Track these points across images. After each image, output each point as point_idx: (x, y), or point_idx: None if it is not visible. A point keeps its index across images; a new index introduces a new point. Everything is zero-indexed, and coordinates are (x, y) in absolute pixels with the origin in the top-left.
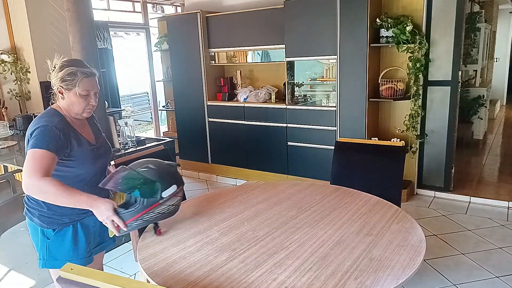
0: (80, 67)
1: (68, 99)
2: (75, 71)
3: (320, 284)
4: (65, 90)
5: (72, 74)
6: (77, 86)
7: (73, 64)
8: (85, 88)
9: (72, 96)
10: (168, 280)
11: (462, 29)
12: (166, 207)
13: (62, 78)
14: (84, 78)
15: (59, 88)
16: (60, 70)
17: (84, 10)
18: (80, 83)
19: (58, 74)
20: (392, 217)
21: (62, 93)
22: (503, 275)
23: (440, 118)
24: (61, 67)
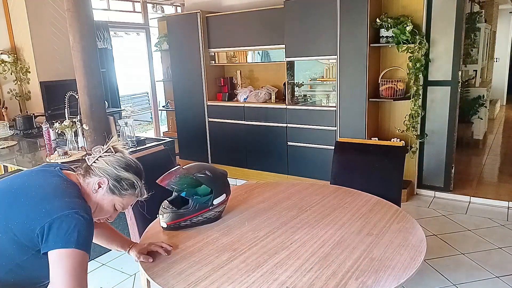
0: (142, 184)
1: (101, 199)
2: (137, 186)
3: (321, 284)
4: (107, 189)
5: (132, 186)
6: (122, 198)
7: (141, 176)
8: (125, 204)
9: (107, 201)
10: (169, 280)
11: (462, 29)
12: (213, 213)
13: (119, 179)
14: (134, 197)
15: (103, 180)
16: (126, 170)
17: (84, 10)
18: (127, 198)
19: (120, 172)
20: (393, 217)
21: (100, 187)
22: (503, 275)
23: (440, 118)
24: (131, 168)
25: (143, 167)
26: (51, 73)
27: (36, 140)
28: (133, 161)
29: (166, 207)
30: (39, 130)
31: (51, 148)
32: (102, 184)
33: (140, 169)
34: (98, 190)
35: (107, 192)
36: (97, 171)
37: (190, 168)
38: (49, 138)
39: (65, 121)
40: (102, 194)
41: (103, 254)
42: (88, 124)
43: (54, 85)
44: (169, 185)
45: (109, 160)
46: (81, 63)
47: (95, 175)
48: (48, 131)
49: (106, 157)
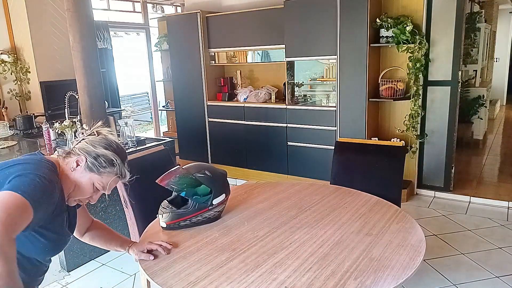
0: (123, 164)
1: (79, 177)
2: (116, 163)
3: (320, 284)
4: (85, 166)
5: (110, 164)
6: (100, 176)
7: (120, 155)
8: (104, 183)
9: (86, 179)
10: (168, 280)
11: (462, 29)
12: (212, 213)
13: (97, 156)
14: (115, 176)
15: (80, 159)
16: (104, 147)
17: (84, 10)
18: (106, 176)
19: (97, 148)
20: (392, 217)
21: (78, 165)
22: (503, 275)
23: (440, 118)
24: (109, 146)
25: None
26: (51, 73)
27: (36, 140)
28: (114, 142)
29: (166, 207)
30: (39, 130)
31: (51, 148)
32: (80, 162)
33: (122, 149)
34: (76, 168)
35: (85, 170)
36: (77, 150)
37: (189, 168)
38: (49, 138)
39: (65, 121)
40: (80, 172)
41: (103, 254)
42: (88, 124)
43: (54, 85)
44: (168, 185)
45: (89, 140)
46: (81, 63)
47: (74, 154)
48: (48, 131)
49: (87, 138)
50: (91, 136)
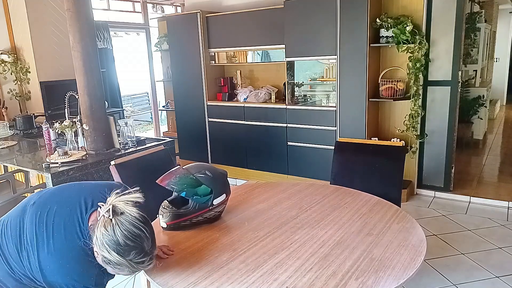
0: (133, 261)
1: (103, 265)
2: (124, 266)
3: (321, 285)
4: (101, 260)
5: (120, 266)
6: (116, 270)
7: (129, 255)
8: (124, 274)
9: (108, 268)
10: (169, 281)
11: (462, 29)
12: (213, 213)
13: (106, 260)
14: (130, 273)
15: (98, 252)
16: (109, 250)
17: (84, 10)
18: (123, 272)
19: (104, 251)
20: (392, 217)
21: (97, 257)
22: (503, 275)
23: (440, 118)
24: (115, 247)
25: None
26: (51, 73)
27: (36, 140)
28: (123, 234)
29: (166, 207)
30: (39, 130)
31: (51, 148)
32: (97, 253)
33: (131, 241)
34: (97, 256)
35: (102, 262)
36: (93, 238)
37: (190, 168)
38: (49, 138)
39: (65, 121)
40: (100, 261)
41: None
42: (88, 124)
43: (54, 85)
44: (169, 185)
45: (101, 232)
46: (81, 63)
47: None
48: (48, 131)
49: (100, 226)
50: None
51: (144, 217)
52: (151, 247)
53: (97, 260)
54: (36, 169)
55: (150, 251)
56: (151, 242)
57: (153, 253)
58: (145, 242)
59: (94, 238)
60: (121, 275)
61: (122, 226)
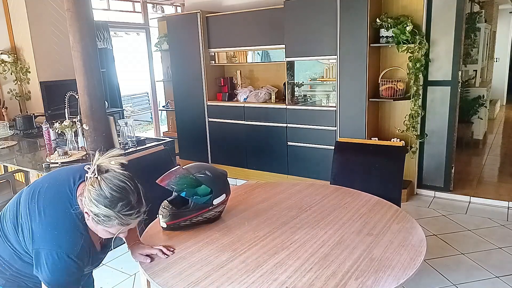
0: (121, 213)
1: (93, 226)
2: (114, 218)
3: (321, 285)
4: (92, 219)
5: (109, 219)
6: (110, 228)
7: (116, 206)
8: (114, 232)
9: (98, 228)
10: (169, 280)
11: (462, 29)
12: (212, 213)
13: (96, 214)
14: (122, 226)
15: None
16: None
17: (84, 10)
18: (114, 228)
19: (92, 206)
20: (392, 217)
21: (88, 218)
22: (503, 275)
23: (440, 118)
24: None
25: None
26: (51, 73)
27: (36, 140)
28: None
29: (166, 207)
30: (39, 130)
31: (51, 148)
32: (87, 215)
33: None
34: (88, 217)
35: (93, 221)
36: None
37: (190, 168)
38: (49, 138)
39: (65, 121)
40: (92, 223)
41: None
42: (88, 124)
43: (54, 85)
44: (169, 185)
45: (88, 190)
46: (81, 63)
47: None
48: (48, 131)
49: (88, 185)
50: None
51: (129, 173)
52: (137, 201)
53: (88, 224)
54: (36, 169)
55: (137, 205)
56: (137, 196)
57: (140, 207)
58: (131, 195)
59: (83, 200)
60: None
61: (107, 180)
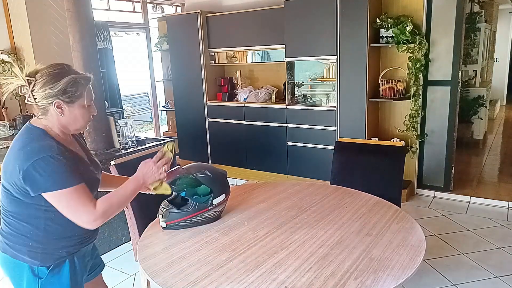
0: (78, 73)
1: (70, 113)
2: (78, 79)
3: (320, 284)
4: (67, 103)
5: (76, 84)
6: (82, 97)
7: (70, 71)
8: (90, 98)
9: (76, 110)
10: (168, 280)
11: (462, 29)
12: (212, 213)
13: (64, 90)
14: (87, 86)
15: (57, 103)
16: (58, 80)
17: (84, 10)
18: (84, 92)
19: (56, 86)
20: (392, 217)
21: (61, 108)
22: (503, 275)
23: (440, 118)
24: (57, 76)
25: None
26: None
27: None
28: (51, 67)
29: (166, 207)
30: None
31: None
32: (59, 104)
33: (62, 64)
34: (62, 111)
35: (67, 107)
36: (45, 102)
37: (189, 168)
38: None
39: None
40: (68, 111)
41: (103, 254)
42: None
43: None
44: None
45: (40, 88)
46: (81, 63)
47: (47, 105)
48: None
49: (36, 88)
50: (36, 83)
51: None
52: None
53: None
54: None
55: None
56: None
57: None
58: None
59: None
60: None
61: (44, 70)
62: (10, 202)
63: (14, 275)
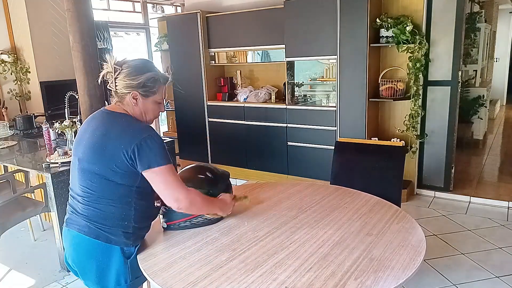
0: (159, 72)
1: (143, 106)
2: (158, 77)
3: (320, 284)
4: (142, 96)
5: (154, 81)
6: (156, 94)
7: (153, 68)
8: (162, 96)
9: (149, 104)
10: (168, 280)
11: (462, 29)
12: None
13: (143, 84)
14: (164, 85)
15: (134, 94)
16: (140, 74)
17: (84, 10)
18: (160, 90)
19: (138, 79)
20: (392, 217)
21: (136, 99)
22: (503, 275)
23: (440, 118)
24: (141, 70)
25: None
26: (51, 73)
27: (36, 140)
28: (137, 61)
29: (167, 207)
30: (39, 130)
31: (51, 148)
32: (135, 96)
33: (147, 60)
34: (136, 102)
35: (142, 99)
36: (124, 90)
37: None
38: (49, 138)
39: (65, 121)
40: (142, 103)
41: None
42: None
43: (54, 85)
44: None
45: (123, 77)
46: (81, 63)
47: (125, 94)
48: (48, 131)
49: (120, 76)
50: (120, 73)
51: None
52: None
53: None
54: (36, 169)
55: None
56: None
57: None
58: (154, 64)
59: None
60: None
61: (131, 62)
62: (102, 186)
63: (102, 260)
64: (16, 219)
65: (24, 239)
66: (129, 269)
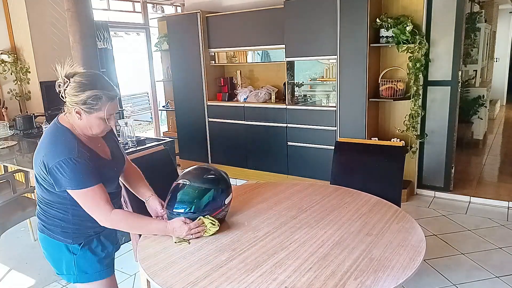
0: (104, 89)
1: (87, 121)
2: (100, 95)
3: (320, 284)
4: (85, 112)
5: (97, 98)
6: (100, 111)
7: (96, 86)
8: (109, 113)
9: (92, 119)
10: (168, 280)
11: (462, 29)
12: (223, 213)
13: (84, 101)
14: (109, 102)
15: (77, 109)
16: (82, 91)
17: (84, 10)
18: (104, 108)
19: (79, 96)
20: (392, 217)
21: (80, 114)
22: (503, 275)
23: (440, 118)
24: (83, 87)
25: (143, 167)
26: (51, 73)
27: (36, 140)
28: (84, 76)
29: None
30: (39, 130)
31: None
32: (79, 111)
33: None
34: (81, 117)
35: (86, 115)
36: (69, 105)
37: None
38: None
39: None
40: (86, 118)
41: None
42: None
43: (54, 85)
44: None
45: (68, 92)
46: (81, 63)
47: (71, 108)
48: None
49: (67, 89)
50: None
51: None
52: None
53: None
54: None
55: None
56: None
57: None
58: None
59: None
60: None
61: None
62: (41, 190)
63: (53, 254)
64: (16, 219)
65: (24, 239)
66: (75, 264)
